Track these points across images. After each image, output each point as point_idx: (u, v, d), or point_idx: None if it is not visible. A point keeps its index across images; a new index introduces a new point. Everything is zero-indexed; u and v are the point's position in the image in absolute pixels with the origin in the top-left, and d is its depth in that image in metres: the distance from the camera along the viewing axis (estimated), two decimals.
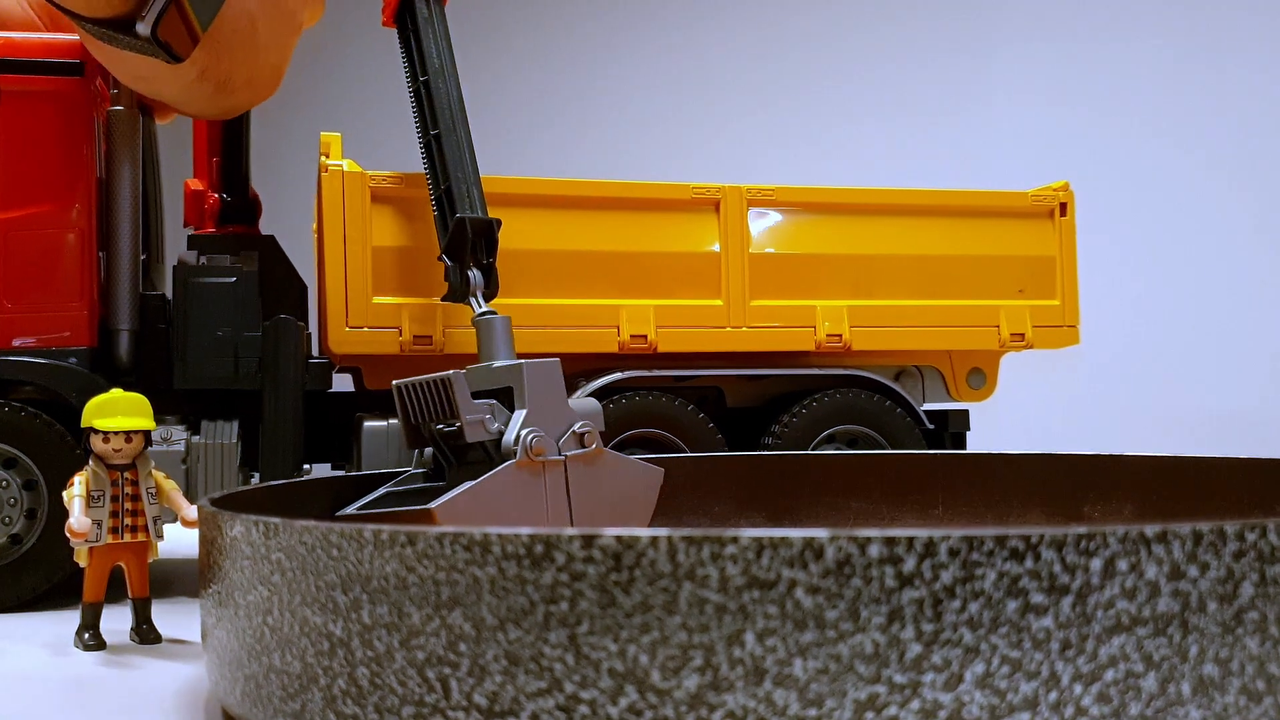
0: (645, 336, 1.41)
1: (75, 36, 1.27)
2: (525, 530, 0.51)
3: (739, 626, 0.49)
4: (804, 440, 1.44)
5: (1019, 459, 1.28)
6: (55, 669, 0.94)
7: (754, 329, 1.46)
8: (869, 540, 0.48)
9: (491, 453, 0.99)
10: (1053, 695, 0.49)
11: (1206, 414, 2.50)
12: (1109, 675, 0.50)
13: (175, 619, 1.08)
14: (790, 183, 1.50)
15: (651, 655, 0.49)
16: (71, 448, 1.22)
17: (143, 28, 0.89)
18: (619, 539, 0.49)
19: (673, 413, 1.42)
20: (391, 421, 1.36)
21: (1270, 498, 1.13)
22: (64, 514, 1.12)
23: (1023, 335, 1.50)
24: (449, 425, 1.00)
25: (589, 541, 0.50)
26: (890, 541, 0.48)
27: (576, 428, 1.01)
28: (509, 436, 0.98)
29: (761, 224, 1.48)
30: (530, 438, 0.97)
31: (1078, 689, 0.49)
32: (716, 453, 1.39)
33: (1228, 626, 0.51)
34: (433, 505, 0.91)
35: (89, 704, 0.83)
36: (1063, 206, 1.54)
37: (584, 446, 1.01)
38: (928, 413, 1.52)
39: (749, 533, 0.48)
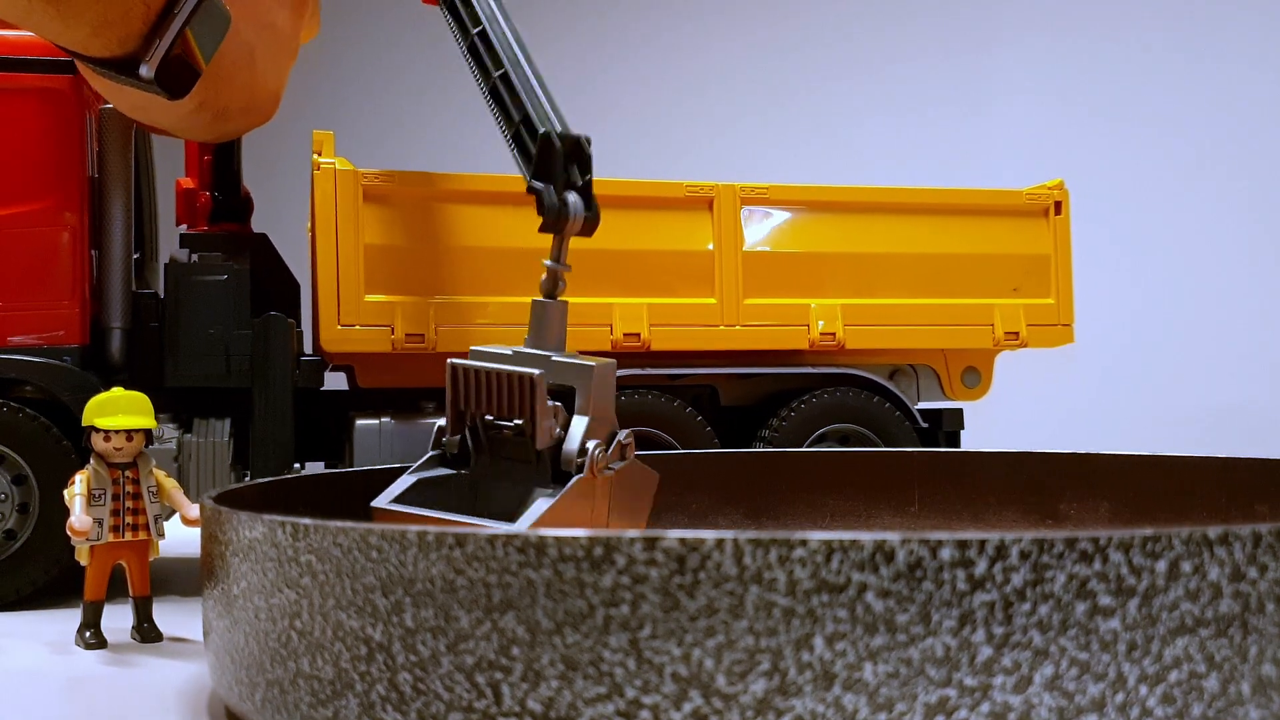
0: (638, 335, 1.41)
1: None
2: (583, 532, 0.50)
3: (807, 630, 0.48)
4: (798, 439, 1.44)
5: (995, 457, 1.28)
6: (57, 667, 0.93)
7: (748, 327, 1.45)
8: (941, 543, 0.47)
9: (545, 457, 0.95)
10: (1119, 696, 0.49)
11: (1202, 412, 2.52)
12: (1173, 676, 0.49)
13: (176, 617, 1.07)
14: (788, 182, 1.49)
15: (717, 659, 0.49)
16: (60, 441, 1.22)
17: (145, 70, 0.88)
18: (682, 541, 0.49)
19: (666, 411, 1.41)
20: (384, 420, 1.35)
21: (1247, 496, 1.14)
22: (57, 509, 1.12)
23: (1017, 334, 1.50)
24: (508, 421, 0.95)
25: (651, 544, 0.49)
26: (962, 545, 0.47)
27: (622, 438, 0.97)
28: (571, 445, 0.93)
29: (755, 222, 1.47)
30: (598, 452, 0.93)
31: (1143, 690, 0.49)
32: (695, 450, 1.38)
33: None
34: (520, 528, 0.87)
35: (90, 702, 0.82)
36: (1057, 205, 1.54)
37: (624, 459, 0.98)
38: (922, 411, 1.52)
39: (818, 535, 0.48)
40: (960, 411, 1.54)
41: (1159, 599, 0.49)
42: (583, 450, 0.92)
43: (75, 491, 0.97)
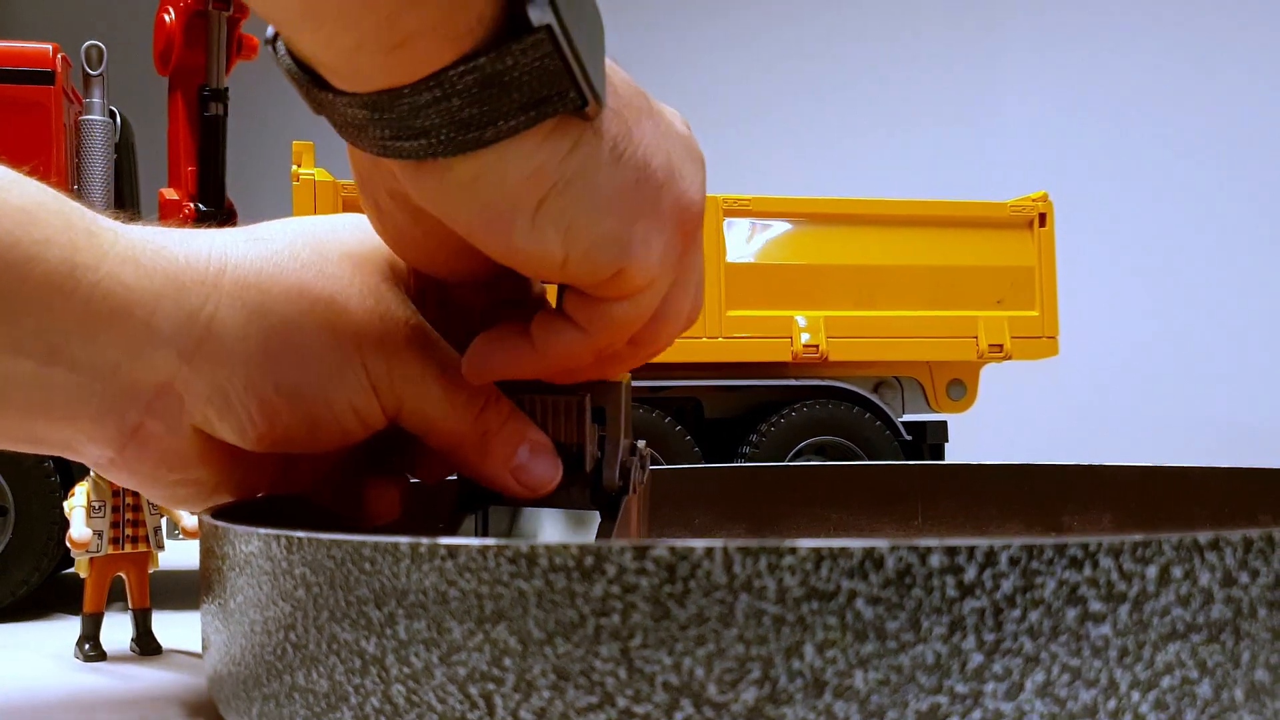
0: None
1: (46, 45, 1.26)
2: (573, 542, 0.50)
3: (798, 638, 0.48)
4: (781, 451, 1.44)
5: (997, 469, 1.28)
6: (55, 679, 0.93)
7: (730, 339, 1.45)
8: (930, 550, 0.48)
9: (585, 482, 0.92)
10: (1111, 703, 0.49)
11: (1187, 423, 2.53)
12: (1165, 682, 0.50)
13: (176, 629, 1.07)
14: (772, 193, 1.50)
15: (708, 668, 0.49)
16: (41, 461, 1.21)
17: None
18: (672, 550, 0.49)
19: (649, 424, 1.42)
20: None
21: (1248, 506, 1.14)
22: (36, 509, 1.18)
23: (1001, 346, 1.50)
24: None
25: (641, 553, 0.49)
26: (951, 551, 0.48)
27: (643, 450, 0.95)
28: (612, 467, 0.91)
29: (737, 234, 1.48)
30: (637, 473, 0.91)
31: (1135, 696, 0.49)
32: (696, 464, 1.38)
33: (1277, 632, 0.51)
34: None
35: (89, 715, 0.81)
36: (1042, 217, 1.55)
37: (645, 469, 0.96)
38: (906, 424, 1.52)
39: (807, 543, 0.48)
40: (944, 424, 1.55)
41: (1150, 604, 0.49)
42: (624, 471, 0.90)
43: (75, 503, 0.97)
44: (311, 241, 0.74)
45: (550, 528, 0.87)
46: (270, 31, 0.64)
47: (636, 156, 0.66)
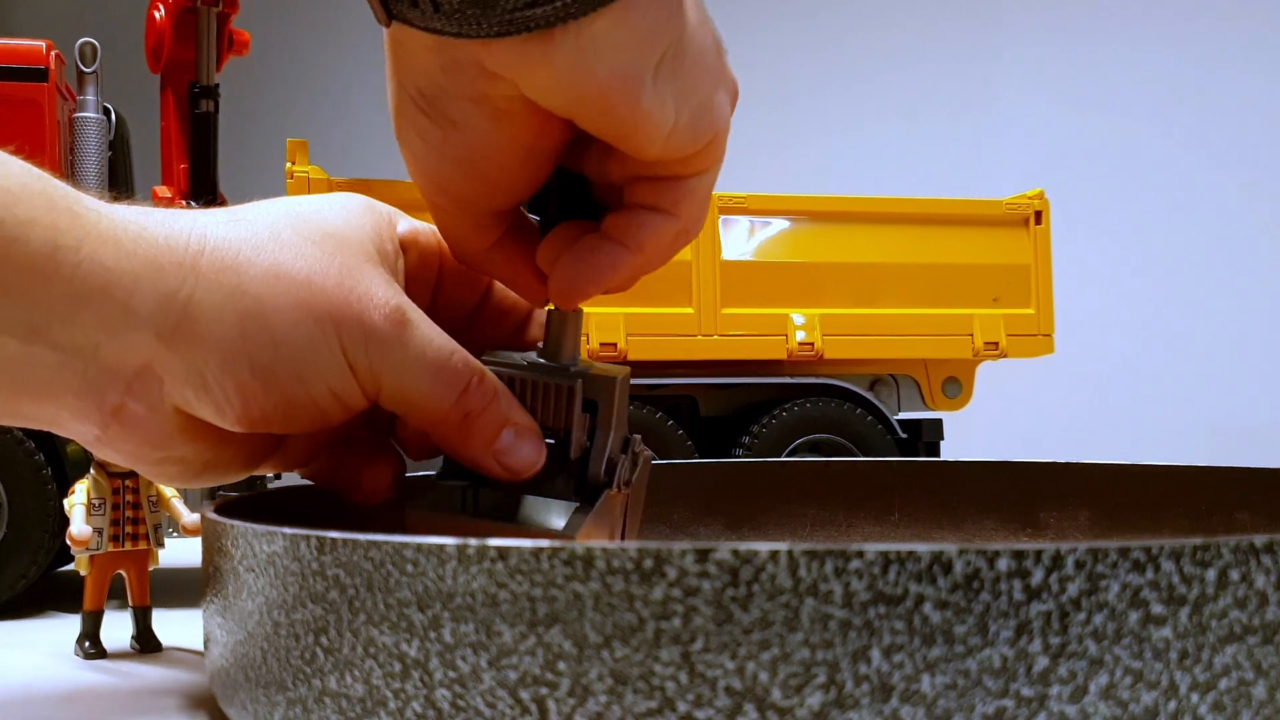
0: (615, 345, 1.41)
1: (39, 42, 1.24)
2: (631, 545, 0.50)
3: (864, 642, 0.48)
4: (776, 449, 1.44)
5: (975, 467, 1.28)
6: (55, 677, 0.92)
7: (726, 337, 1.45)
8: (998, 554, 0.47)
9: (571, 471, 0.91)
10: (1172, 705, 0.49)
11: (1184, 421, 2.54)
12: (1223, 684, 0.50)
13: (176, 627, 1.06)
14: (769, 191, 1.50)
15: (772, 672, 0.48)
16: (32, 456, 1.21)
17: None
18: (735, 553, 0.48)
19: (644, 422, 1.41)
20: None
21: (1226, 505, 1.15)
22: (30, 504, 1.18)
23: (997, 344, 1.51)
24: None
25: (703, 556, 0.49)
26: (1019, 555, 0.47)
27: (636, 447, 0.94)
28: (599, 462, 0.90)
29: (733, 231, 1.48)
30: (624, 471, 0.90)
31: (1195, 698, 0.49)
32: (675, 460, 1.38)
33: None
34: (577, 536, 0.84)
35: (89, 713, 0.81)
36: (1037, 215, 1.55)
37: (638, 464, 0.95)
38: (901, 422, 1.52)
39: (874, 547, 0.47)
40: (939, 422, 1.55)
41: (1209, 607, 0.49)
42: (610, 467, 0.90)
43: (75, 501, 0.97)
44: (293, 222, 0.74)
45: (526, 512, 0.86)
46: None
47: (710, 23, 0.71)
